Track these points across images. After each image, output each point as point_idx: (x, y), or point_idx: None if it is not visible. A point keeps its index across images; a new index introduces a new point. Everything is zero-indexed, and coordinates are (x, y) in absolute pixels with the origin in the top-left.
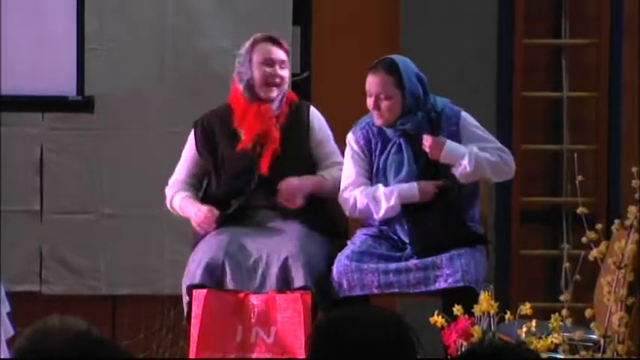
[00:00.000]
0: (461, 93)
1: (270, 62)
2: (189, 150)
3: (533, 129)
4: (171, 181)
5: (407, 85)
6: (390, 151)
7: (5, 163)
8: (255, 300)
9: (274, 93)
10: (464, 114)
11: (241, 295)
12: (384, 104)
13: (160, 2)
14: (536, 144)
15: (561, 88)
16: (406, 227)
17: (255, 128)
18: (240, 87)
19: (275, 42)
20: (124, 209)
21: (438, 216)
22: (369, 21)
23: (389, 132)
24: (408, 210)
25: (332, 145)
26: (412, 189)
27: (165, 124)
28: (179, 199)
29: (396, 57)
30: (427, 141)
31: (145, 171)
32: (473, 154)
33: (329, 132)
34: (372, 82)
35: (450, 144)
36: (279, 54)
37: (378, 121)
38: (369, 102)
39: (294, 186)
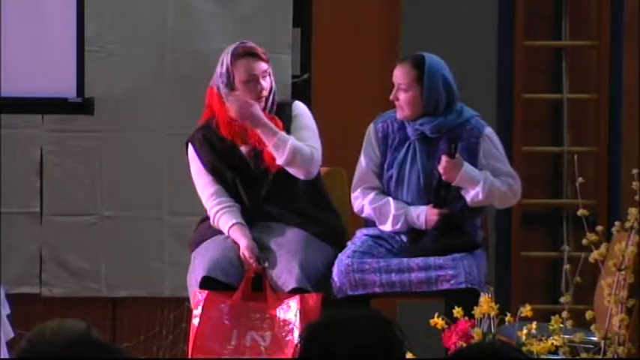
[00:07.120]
0: (461, 95)
1: (253, 78)
2: (196, 167)
3: (533, 131)
4: (205, 197)
5: (426, 84)
6: (404, 150)
7: (5, 165)
8: (252, 303)
9: (261, 104)
10: (488, 130)
11: (238, 296)
12: (402, 96)
13: (160, 4)
14: (536, 146)
15: (562, 90)
16: (407, 231)
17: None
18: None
19: (254, 55)
20: (124, 211)
21: (440, 225)
22: (370, 23)
23: (409, 130)
24: None
25: (311, 134)
26: (420, 218)
27: (165, 125)
28: (227, 226)
29: (429, 55)
30: (443, 162)
31: (145, 173)
32: (487, 182)
33: (311, 122)
34: (396, 72)
35: (465, 170)
36: (261, 66)
37: (398, 114)
38: (392, 94)
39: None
